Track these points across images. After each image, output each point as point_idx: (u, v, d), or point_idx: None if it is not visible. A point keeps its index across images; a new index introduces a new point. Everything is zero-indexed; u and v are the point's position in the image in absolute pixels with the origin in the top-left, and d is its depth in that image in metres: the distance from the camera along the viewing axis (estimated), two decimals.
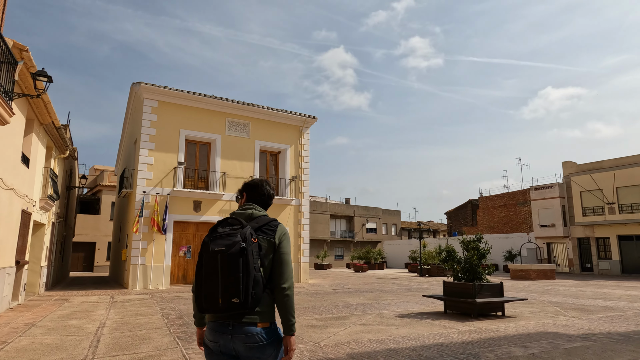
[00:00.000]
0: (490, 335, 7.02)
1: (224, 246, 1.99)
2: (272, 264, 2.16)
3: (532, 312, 10.00)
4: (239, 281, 1.96)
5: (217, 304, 1.97)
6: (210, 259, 2.00)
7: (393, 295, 14.19)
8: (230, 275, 1.96)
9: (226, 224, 2.15)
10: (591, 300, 12.58)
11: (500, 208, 39.28)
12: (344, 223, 52.07)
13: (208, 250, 2.02)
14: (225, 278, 1.96)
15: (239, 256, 1.97)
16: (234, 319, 2.04)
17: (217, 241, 2.03)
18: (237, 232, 2.05)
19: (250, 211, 2.25)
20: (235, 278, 1.96)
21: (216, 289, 1.97)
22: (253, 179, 2.48)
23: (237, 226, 2.12)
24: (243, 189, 2.43)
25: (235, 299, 1.95)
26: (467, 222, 49.09)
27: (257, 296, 2.02)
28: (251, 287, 1.99)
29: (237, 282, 1.96)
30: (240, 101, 19.25)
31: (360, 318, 8.92)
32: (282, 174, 20.44)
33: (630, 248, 28.10)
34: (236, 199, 2.46)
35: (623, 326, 7.97)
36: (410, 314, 9.63)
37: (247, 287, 1.97)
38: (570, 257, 30.98)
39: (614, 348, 6.03)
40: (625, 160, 28.57)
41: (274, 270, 2.16)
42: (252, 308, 2.01)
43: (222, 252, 1.98)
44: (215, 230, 2.12)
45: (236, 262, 1.97)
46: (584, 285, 19.12)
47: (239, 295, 1.95)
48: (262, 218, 2.22)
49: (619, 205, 27.94)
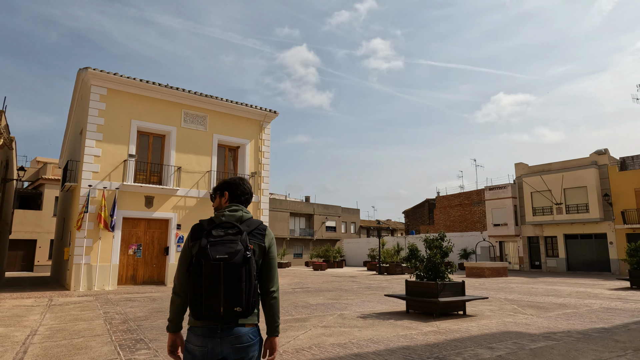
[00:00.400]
0: (454, 336, 6.83)
1: (226, 254, 1.95)
2: (260, 268, 2.18)
3: (491, 310, 10.02)
4: (241, 290, 1.96)
5: (219, 312, 1.95)
6: (212, 267, 1.94)
7: (353, 294, 13.94)
8: (233, 284, 1.94)
9: (219, 227, 2.09)
10: (544, 297, 12.88)
11: (456, 207, 40.32)
12: (304, 221, 51.70)
13: (209, 258, 1.95)
14: (228, 287, 1.94)
15: (242, 265, 1.96)
16: (225, 322, 2.02)
17: (216, 247, 1.98)
18: (237, 238, 2.02)
19: (240, 213, 2.21)
20: (238, 287, 1.95)
21: (218, 297, 1.94)
22: (232, 178, 2.41)
23: (232, 230, 2.08)
24: (224, 188, 2.35)
25: (237, 308, 1.96)
26: (424, 221, 50.11)
27: (255, 303, 2.05)
28: (252, 295, 2.00)
29: (240, 291, 1.95)
30: (198, 92, 18.34)
31: (321, 319, 8.53)
32: (241, 169, 19.71)
33: (575, 246, 29.58)
34: (211, 198, 2.40)
35: (580, 324, 8.06)
36: (372, 314, 9.36)
37: (249, 295, 1.99)
38: (521, 255, 32.22)
39: (577, 347, 5.98)
40: (572, 162, 30.02)
41: (263, 274, 2.19)
42: (250, 315, 2.03)
43: (226, 260, 1.94)
44: (210, 234, 2.04)
45: (239, 271, 1.95)
46: (535, 282, 19.79)
47: (241, 304, 1.96)
48: (252, 221, 2.20)
49: (566, 205, 29.32)
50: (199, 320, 2.03)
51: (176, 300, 2.16)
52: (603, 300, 12.09)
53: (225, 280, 1.93)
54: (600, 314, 9.35)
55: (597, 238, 28.52)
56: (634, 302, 11.77)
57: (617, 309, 10.20)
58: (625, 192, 27.32)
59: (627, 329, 7.51)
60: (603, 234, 28.13)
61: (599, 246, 28.39)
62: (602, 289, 15.90)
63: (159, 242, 17.23)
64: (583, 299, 12.63)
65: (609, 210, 27.91)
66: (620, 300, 12.11)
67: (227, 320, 2.01)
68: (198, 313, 1.97)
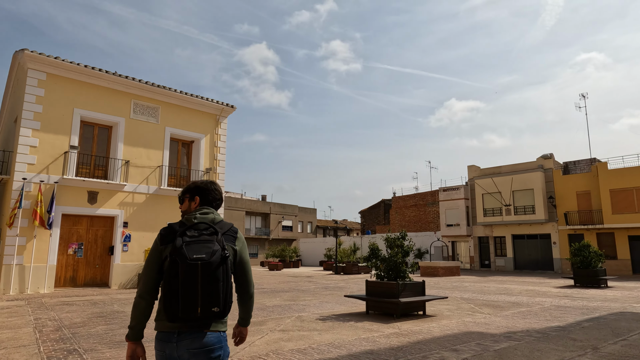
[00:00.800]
0: (417, 338, 6.61)
1: (204, 254, 1.94)
2: (235, 270, 2.20)
3: (450, 310, 9.98)
4: (219, 290, 1.94)
5: (196, 313, 1.91)
6: (189, 267, 1.91)
7: (311, 294, 13.57)
8: (211, 284, 1.92)
9: (193, 228, 2.07)
10: (497, 296, 13.12)
11: (411, 208, 41.06)
12: (260, 220, 50.81)
13: (185, 258, 1.92)
14: (206, 287, 1.92)
15: (220, 265, 1.96)
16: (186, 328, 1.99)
17: (192, 247, 1.95)
18: (213, 238, 2.02)
19: (212, 216, 2.20)
20: (216, 287, 1.94)
21: (195, 299, 1.90)
22: (203, 181, 2.38)
23: (207, 231, 2.06)
24: (195, 192, 2.32)
25: (215, 308, 1.94)
26: (379, 221, 50.74)
27: (231, 304, 2.04)
28: (229, 295, 2.00)
29: (218, 291, 1.94)
30: (150, 82, 17.27)
31: (278, 323, 8.07)
32: (195, 165, 18.80)
33: (522, 246, 30.90)
34: (179, 200, 2.36)
35: (537, 322, 8.13)
36: (332, 315, 9.02)
37: (227, 295, 1.98)
38: (472, 255, 33.26)
39: (538, 348, 5.92)
40: (520, 166, 31.35)
41: (239, 276, 2.22)
42: (226, 315, 2.03)
43: (203, 260, 1.92)
44: (185, 234, 2.02)
45: (217, 271, 1.94)
46: (486, 280, 20.33)
47: (219, 304, 1.94)
48: (224, 223, 2.20)
49: (514, 207, 30.57)
50: (174, 323, 1.97)
51: (141, 303, 2.08)
52: (552, 299, 12.47)
53: (203, 281, 1.90)
54: (553, 312, 9.54)
55: (542, 238, 29.93)
56: (581, 299, 12.22)
57: (567, 307, 10.49)
58: (567, 195, 28.85)
59: (581, 327, 7.64)
60: (547, 234, 29.56)
61: (543, 246, 29.81)
62: (549, 287, 16.52)
63: (103, 241, 16.03)
64: (534, 297, 12.98)
65: (553, 211, 29.37)
66: (567, 298, 12.54)
67: (203, 321, 1.98)
68: (173, 315, 1.92)
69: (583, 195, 28.16)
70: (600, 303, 11.30)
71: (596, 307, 10.52)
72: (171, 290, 1.92)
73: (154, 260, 2.10)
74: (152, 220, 16.93)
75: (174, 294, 1.91)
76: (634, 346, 6.01)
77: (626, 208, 25.72)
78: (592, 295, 13.30)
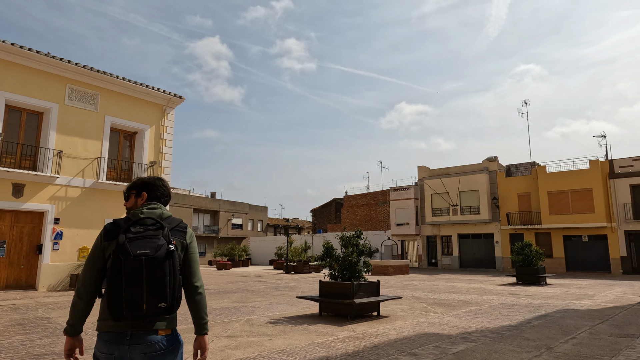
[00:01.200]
0: (374, 341, 6.30)
1: (148, 249, 1.90)
2: (183, 264, 2.13)
3: (403, 310, 9.84)
4: (166, 285, 1.90)
5: (141, 310, 1.86)
6: (133, 263, 1.86)
7: (261, 295, 13.01)
8: (157, 279, 1.88)
9: (138, 224, 2.02)
10: (447, 294, 13.25)
11: (362, 207, 41.39)
12: (208, 218, 49.17)
13: (129, 254, 1.87)
14: (151, 283, 1.87)
15: (166, 259, 1.92)
16: (136, 328, 1.94)
17: (136, 243, 1.91)
18: (158, 233, 1.98)
19: (160, 211, 2.15)
20: (162, 282, 1.90)
21: (141, 294, 1.86)
22: (150, 178, 2.31)
23: (153, 226, 2.02)
24: (142, 189, 2.25)
25: (162, 304, 1.89)
26: (331, 219, 50.81)
27: (180, 299, 1.99)
28: (177, 290, 1.96)
29: (165, 286, 1.90)
30: (88, 66, 15.86)
31: (225, 327, 7.48)
32: (138, 157, 17.55)
33: (467, 245, 32.00)
34: (125, 197, 2.28)
35: (489, 321, 8.12)
36: (283, 318, 8.55)
37: (174, 290, 1.94)
38: (420, 253, 34.01)
39: (495, 349, 5.80)
40: (467, 168, 32.44)
41: (186, 271, 2.14)
42: (175, 311, 1.99)
43: (148, 255, 1.89)
44: (128, 230, 1.96)
45: (163, 265, 1.90)
46: (434, 279, 20.71)
47: (166, 299, 1.90)
48: (172, 219, 2.17)
49: (461, 207, 31.58)
50: (118, 322, 1.92)
51: (79, 303, 2.03)
52: (499, 296, 12.75)
53: (148, 276, 1.87)
54: (502, 311, 9.66)
55: (485, 237, 31.14)
56: (525, 297, 12.59)
57: (514, 305, 10.70)
58: (509, 196, 30.21)
59: (531, 325, 7.70)
60: (491, 233, 30.80)
61: (486, 245, 31.03)
62: (494, 285, 17.03)
63: (29, 238, 14.49)
64: (481, 295, 13.23)
65: (496, 212, 30.64)
66: (513, 296, 12.89)
67: (150, 318, 1.93)
68: (118, 314, 1.87)
69: (524, 196, 29.59)
70: (543, 300, 11.67)
71: (540, 304, 10.82)
72: (115, 287, 1.87)
73: (95, 258, 2.03)
74: (88, 217, 15.57)
75: (117, 292, 1.86)
76: (585, 345, 6.06)
77: (562, 209, 27.32)
78: (535, 293, 13.78)
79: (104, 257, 2.01)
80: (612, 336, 6.69)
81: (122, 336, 1.92)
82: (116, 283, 1.87)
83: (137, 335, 1.93)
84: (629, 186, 25.69)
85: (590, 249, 26.88)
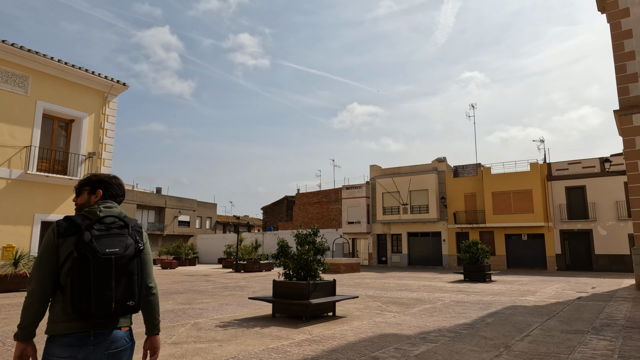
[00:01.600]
0: (332, 344, 5.96)
1: (117, 247, 1.92)
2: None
3: (358, 309, 9.62)
4: (134, 284, 1.94)
5: (110, 309, 1.87)
6: (102, 261, 1.86)
7: (209, 296, 12.32)
8: (126, 278, 1.91)
9: (99, 222, 1.97)
10: (400, 292, 13.25)
11: (314, 205, 41.21)
12: (154, 215, 46.93)
13: (97, 252, 1.86)
14: (121, 281, 1.90)
15: (134, 258, 1.96)
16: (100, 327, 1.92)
17: (104, 241, 1.90)
18: (124, 232, 2.00)
19: (118, 210, 2.13)
20: (131, 281, 1.93)
21: (109, 293, 1.86)
22: (106, 175, 2.25)
23: (116, 224, 2.01)
24: (98, 186, 2.18)
25: (130, 302, 1.92)
26: (282, 217, 50.23)
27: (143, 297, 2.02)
28: (142, 289, 2.00)
29: (133, 284, 1.94)
30: (17, 45, 14.30)
31: (170, 333, 6.84)
32: (74, 148, 16.12)
33: (415, 243, 32.73)
34: (77, 192, 2.19)
35: (445, 320, 8.07)
36: (233, 321, 8.01)
37: (140, 289, 1.98)
38: (370, 251, 34.37)
39: (456, 349, 5.66)
40: (417, 167, 33.18)
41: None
42: (140, 309, 2.02)
43: (117, 253, 1.90)
44: (91, 227, 1.93)
45: (132, 264, 1.94)
46: (385, 277, 20.87)
47: (134, 297, 1.93)
48: (129, 218, 2.12)
49: (411, 206, 32.24)
50: (84, 322, 1.88)
51: (33, 304, 1.91)
52: (449, 294, 12.93)
53: (117, 275, 1.88)
54: (455, 308, 9.70)
55: (433, 236, 32.01)
56: (474, 294, 12.85)
57: (465, 302, 10.83)
58: (457, 196, 31.24)
59: (486, 323, 7.72)
60: (438, 232, 31.70)
61: (434, 243, 31.91)
62: (442, 282, 17.37)
63: None
64: (432, 292, 13.36)
65: (444, 211, 31.57)
66: (462, 293, 13.12)
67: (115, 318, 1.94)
68: (84, 313, 1.83)
69: (470, 196, 30.70)
70: (491, 297, 11.94)
71: (490, 301, 11.03)
72: (81, 286, 1.83)
73: (49, 256, 1.95)
74: (15, 211, 14.05)
75: (84, 291, 1.83)
76: (540, 342, 6.08)
77: (504, 209, 28.62)
78: (482, 290, 14.14)
79: (57, 256, 1.94)
80: (563, 332, 6.81)
81: (86, 337, 1.89)
82: (83, 282, 1.83)
83: (101, 334, 1.91)
84: (564, 188, 27.37)
85: (529, 247, 28.38)
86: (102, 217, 1.99)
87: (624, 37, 15.17)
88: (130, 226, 2.03)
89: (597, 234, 25.94)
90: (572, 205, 27.15)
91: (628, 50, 14.99)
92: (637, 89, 14.66)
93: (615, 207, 25.61)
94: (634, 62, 14.83)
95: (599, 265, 25.60)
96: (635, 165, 14.32)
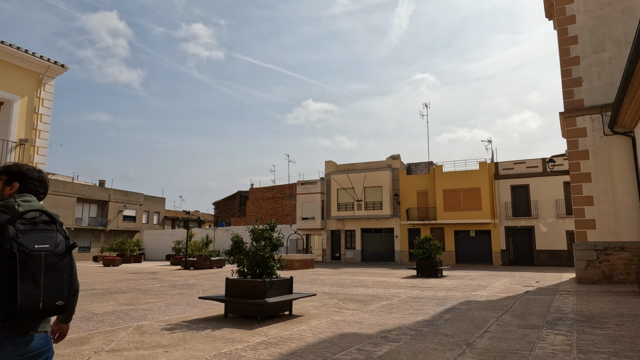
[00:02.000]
0: (290, 347, 5.57)
1: (48, 244, 1.81)
2: None
3: (315, 307, 9.30)
4: (64, 282, 1.86)
5: (37, 309, 1.75)
6: (31, 258, 1.73)
7: (155, 295, 11.52)
8: (56, 276, 1.82)
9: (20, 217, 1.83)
10: (356, 289, 13.10)
11: (268, 200, 40.53)
12: (96, 209, 44.19)
13: (25, 248, 1.73)
14: (50, 279, 1.79)
15: (65, 255, 1.88)
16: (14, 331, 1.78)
17: (31, 237, 1.77)
18: (52, 228, 1.89)
19: (39, 204, 1.99)
20: (61, 279, 1.84)
21: (37, 292, 1.75)
22: (28, 168, 2.08)
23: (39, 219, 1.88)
24: (15, 177, 2.01)
25: (59, 302, 1.83)
26: (235, 213, 49.07)
27: (73, 297, 2.00)
28: (72, 288, 1.94)
29: (63, 283, 1.85)
30: None
31: (108, 338, 6.15)
32: (3, 133, 14.54)
33: (369, 239, 33.02)
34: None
35: (403, 317, 7.92)
36: (182, 323, 7.41)
37: (70, 288, 1.92)
38: (324, 247, 34.28)
39: (420, 349, 5.47)
40: (372, 164, 33.44)
41: None
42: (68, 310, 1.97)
43: (48, 250, 1.80)
44: (14, 222, 1.77)
45: (62, 262, 1.85)
46: (340, 273, 20.76)
47: (63, 297, 1.85)
48: (51, 214, 1.98)
49: (365, 202, 32.45)
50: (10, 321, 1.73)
51: None
52: (404, 289, 12.94)
53: (46, 273, 1.78)
54: (412, 305, 9.63)
55: (386, 232, 32.44)
56: (428, 289, 12.95)
57: (421, 298, 10.83)
58: (409, 193, 31.82)
59: (444, 319, 7.64)
60: (391, 228, 32.16)
61: (387, 239, 32.34)
62: (396, 278, 17.48)
63: None
64: (388, 288, 13.32)
65: (397, 208, 32.06)
66: (417, 289, 13.18)
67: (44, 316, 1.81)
68: (12, 312, 1.70)
69: (422, 193, 31.37)
70: (445, 292, 12.05)
71: (445, 297, 11.10)
72: (5, 285, 1.69)
73: None
74: None
75: (9, 290, 1.69)
76: (500, 339, 6.03)
77: (454, 206, 29.49)
78: (435, 285, 14.31)
79: None
80: (519, 327, 6.84)
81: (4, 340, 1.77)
82: (9, 279, 1.70)
83: (7, 338, 1.77)
84: (509, 186, 28.62)
85: (477, 242, 29.46)
86: (23, 213, 1.84)
87: (570, 42, 15.89)
88: (57, 222, 1.92)
89: (539, 231, 27.37)
90: (516, 203, 28.46)
91: (574, 56, 15.72)
92: (581, 93, 15.41)
93: (555, 205, 27.13)
94: (578, 67, 15.58)
95: (539, 260, 27.03)
96: (577, 165, 15.05)
